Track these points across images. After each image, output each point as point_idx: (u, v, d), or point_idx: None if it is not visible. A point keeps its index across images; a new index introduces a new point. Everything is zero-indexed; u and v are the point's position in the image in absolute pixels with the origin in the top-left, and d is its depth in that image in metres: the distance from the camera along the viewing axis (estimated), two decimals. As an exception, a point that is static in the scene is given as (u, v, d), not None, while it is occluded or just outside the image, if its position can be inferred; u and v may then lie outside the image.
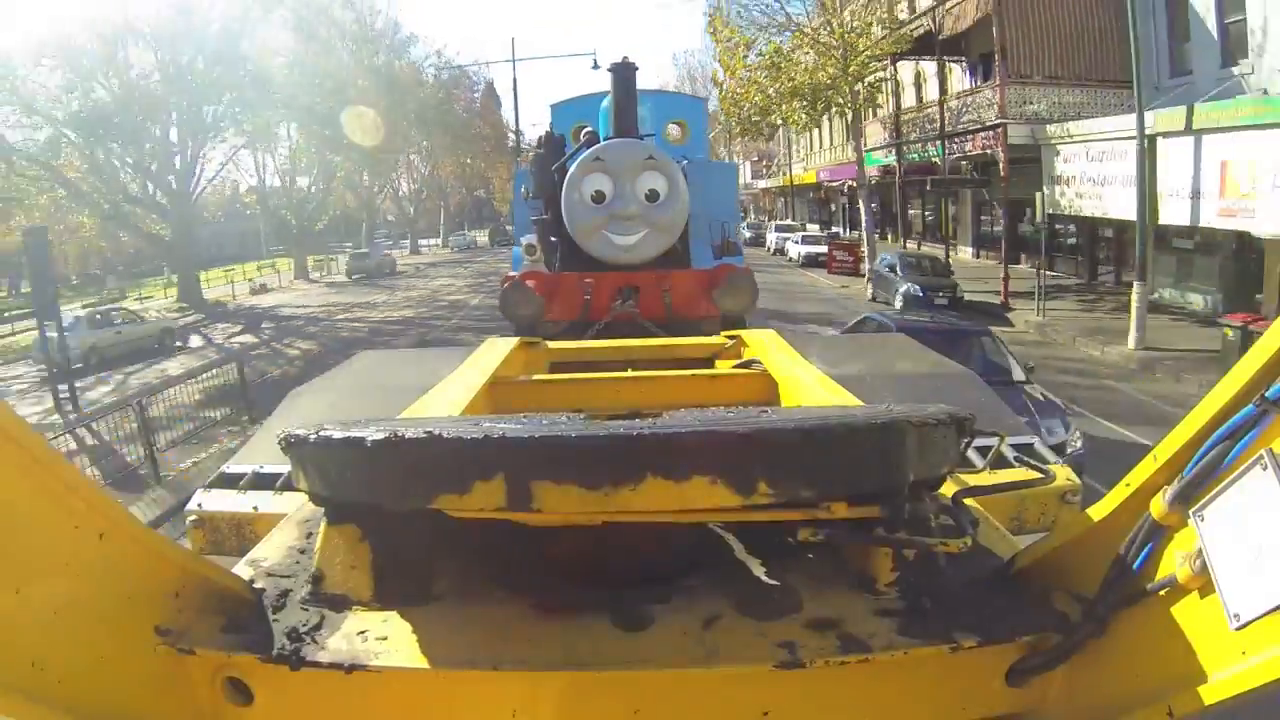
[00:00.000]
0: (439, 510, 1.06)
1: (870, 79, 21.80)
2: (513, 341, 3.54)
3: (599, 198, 4.85)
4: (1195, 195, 12.79)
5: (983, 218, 22.21)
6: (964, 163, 20.75)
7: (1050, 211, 16.42)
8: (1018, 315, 16.38)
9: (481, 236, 51.59)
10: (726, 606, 1.26)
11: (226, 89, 21.67)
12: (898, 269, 18.21)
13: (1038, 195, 16.15)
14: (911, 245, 22.23)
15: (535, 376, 3.21)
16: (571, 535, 1.38)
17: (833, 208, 26.39)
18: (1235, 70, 13.97)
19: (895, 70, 23.97)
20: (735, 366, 3.29)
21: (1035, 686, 1.24)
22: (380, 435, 1.06)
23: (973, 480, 2.03)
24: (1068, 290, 16.52)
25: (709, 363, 3.60)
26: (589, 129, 5.63)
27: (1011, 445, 2.43)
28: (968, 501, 1.44)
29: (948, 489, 1.48)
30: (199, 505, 2.40)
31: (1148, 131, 12.66)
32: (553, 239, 5.32)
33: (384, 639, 1.19)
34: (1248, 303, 13.04)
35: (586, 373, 3.23)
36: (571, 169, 4.95)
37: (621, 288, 4.81)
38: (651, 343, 4.03)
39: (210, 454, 9.40)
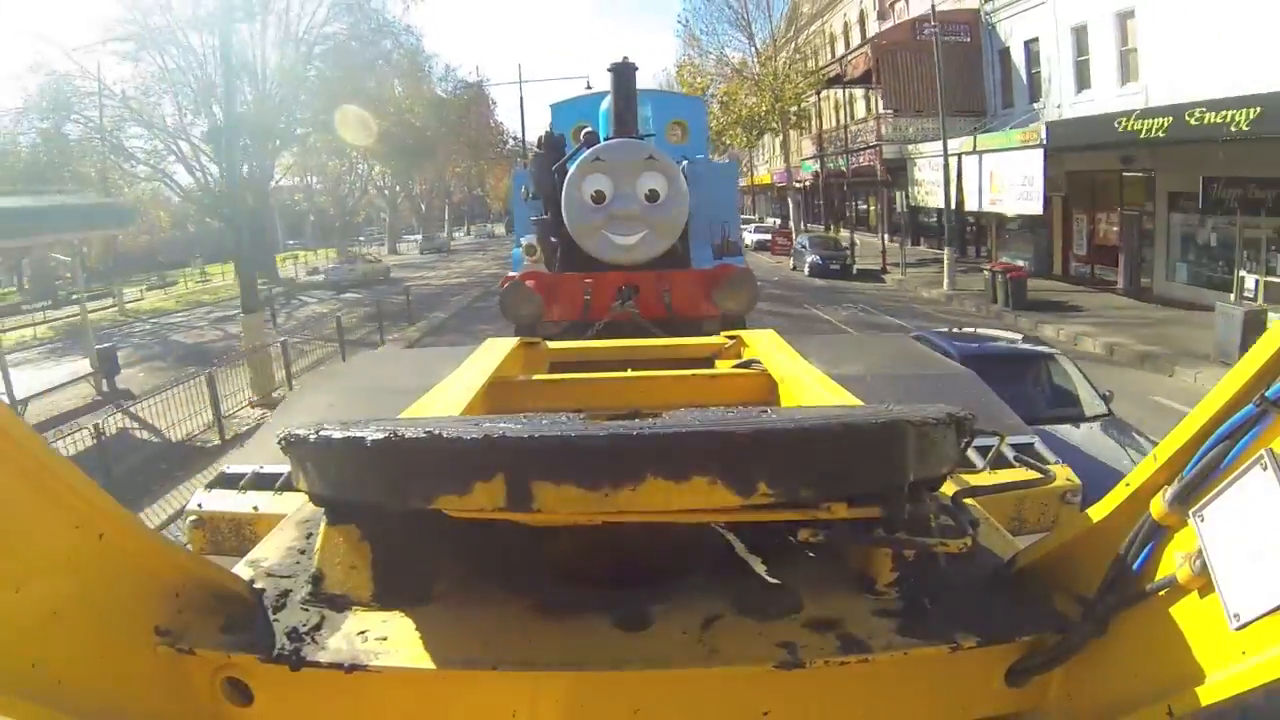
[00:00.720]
0: (439, 510, 1.06)
1: (796, 108, 30.87)
2: (512, 341, 3.54)
3: (599, 198, 4.85)
4: (978, 192, 19.69)
5: (894, 209, 28.97)
6: (863, 172, 27.67)
7: (912, 204, 25.24)
8: (891, 277, 23.35)
9: (498, 229, 59.98)
10: (726, 606, 1.26)
11: (308, 113, 27.27)
12: (807, 247, 25.82)
13: (899, 194, 26.03)
14: (845, 233, 28.33)
15: (535, 376, 3.21)
16: (571, 535, 1.38)
17: (789, 203, 33.40)
18: (1035, 105, 20.38)
19: (819, 99, 32.22)
20: (735, 366, 3.29)
21: (1035, 687, 1.24)
22: (380, 435, 1.06)
23: (973, 480, 2.03)
24: (938, 261, 21.87)
25: (709, 363, 3.60)
26: (589, 129, 5.63)
27: (1011, 445, 2.43)
28: (968, 501, 1.44)
29: (948, 489, 1.48)
30: (199, 505, 2.40)
31: (952, 151, 20.04)
32: (553, 239, 5.32)
33: (384, 639, 1.19)
34: (1048, 262, 20.38)
35: (586, 373, 3.23)
36: (571, 169, 4.95)
37: (621, 288, 4.81)
38: (651, 343, 4.03)
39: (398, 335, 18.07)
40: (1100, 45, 17.45)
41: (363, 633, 1.21)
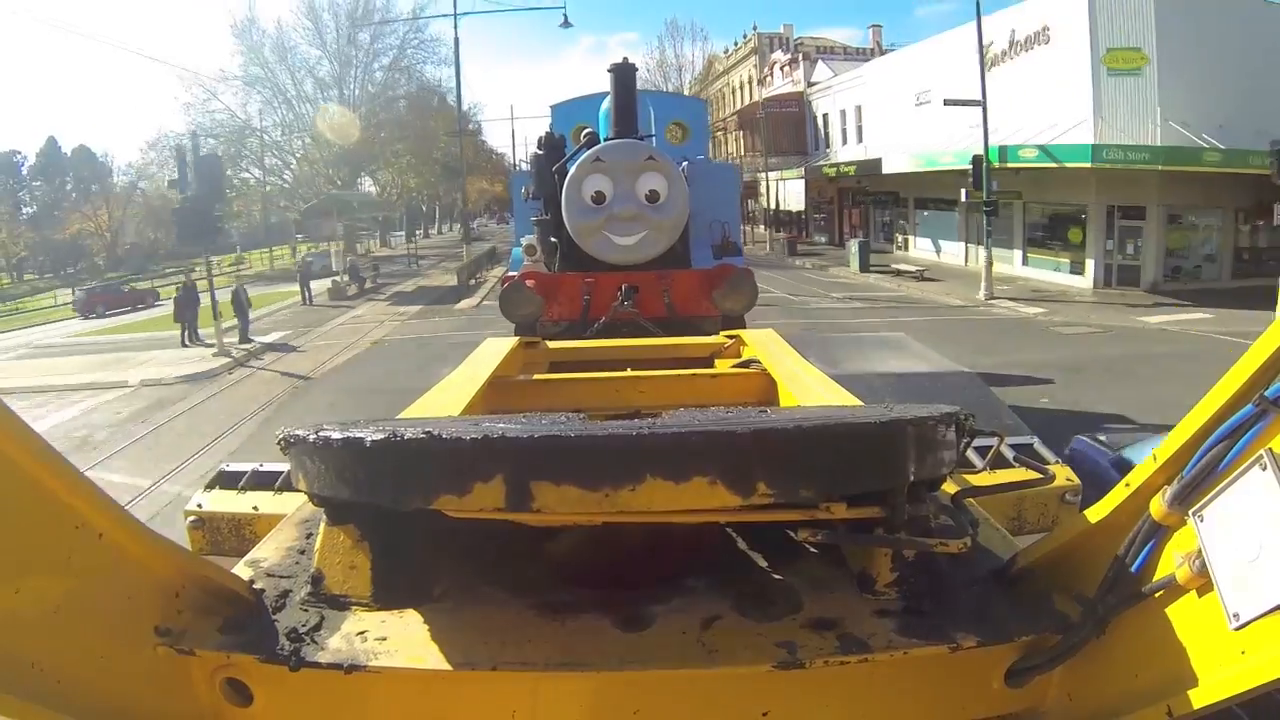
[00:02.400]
0: (439, 511, 1.06)
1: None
2: (512, 341, 3.54)
3: (599, 198, 4.85)
4: (785, 199, 37.78)
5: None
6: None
7: (764, 207, 39.45)
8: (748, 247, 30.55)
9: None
10: (726, 606, 1.26)
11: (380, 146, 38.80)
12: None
13: (762, 201, 39.61)
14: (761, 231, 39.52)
15: (535, 376, 3.21)
16: (572, 536, 1.38)
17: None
18: (829, 151, 34.16)
19: (726, 136, 45.42)
20: (735, 366, 3.29)
21: (1035, 687, 1.24)
22: (379, 435, 1.05)
23: (973, 480, 2.03)
24: (825, 245, 34.99)
25: (709, 362, 3.60)
26: (589, 129, 5.63)
27: (1011, 445, 2.43)
28: (968, 501, 1.44)
29: (948, 489, 1.48)
30: (199, 505, 2.40)
31: (774, 178, 37.24)
32: (553, 239, 5.32)
33: (383, 639, 1.19)
34: (832, 236, 35.44)
35: (586, 372, 3.23)
36: (572, 170, 4.95)
37: (621, 288, 4.81)
38: (651, 342, 4.03)
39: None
40: (850, 122, 32.07)
41: (362, 633, 1.21)
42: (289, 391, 12.71)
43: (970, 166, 18.34)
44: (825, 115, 34.20)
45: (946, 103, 20.07)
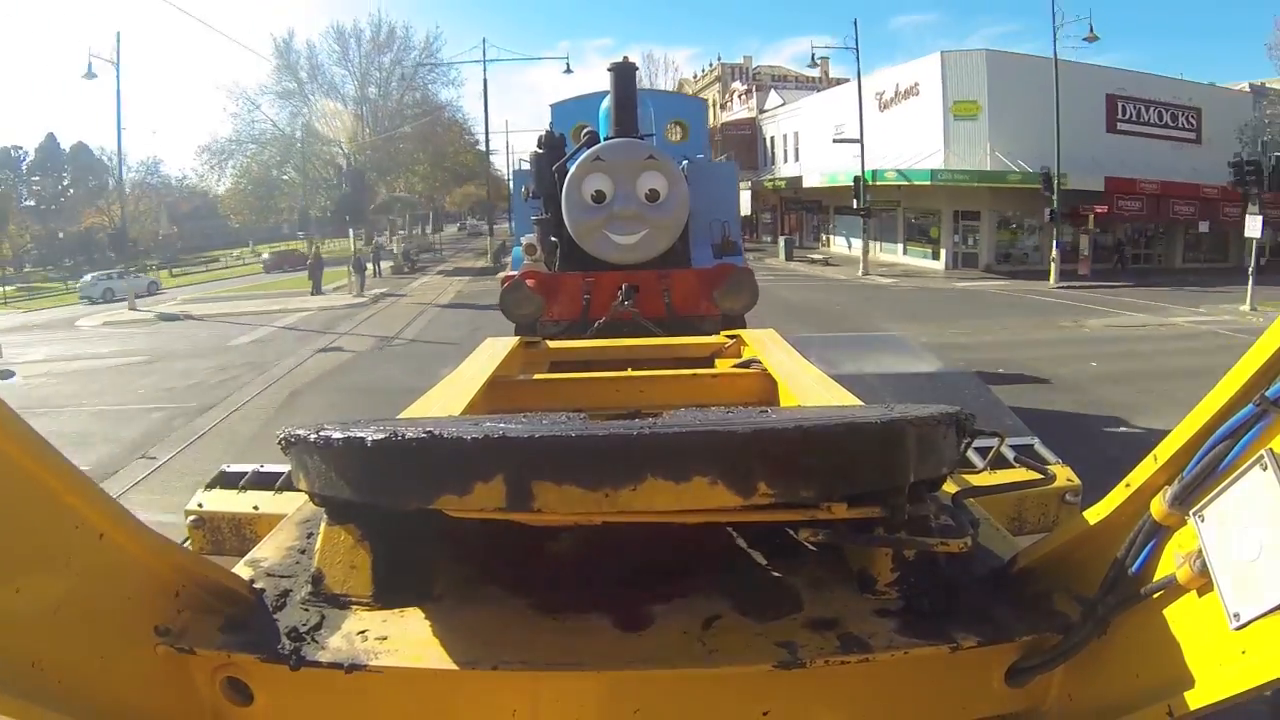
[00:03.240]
0: (439, 510, 1.06)
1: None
2: (512, 341, 3.55)
3: (599, 197, 4.85)
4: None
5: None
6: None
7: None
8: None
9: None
10: (726, 606, 1.26)
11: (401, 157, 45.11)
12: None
13: None
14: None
15: (535, 376, 3.21)
16: (572, 535, 1.38)
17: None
18: (773, 167, 41.37)
19: None
20: (735, 366, 3.29)
21: (1035, 687, 1.24)
22: (380, 435, 1.05)
23: (973, 480, 2.04)
24: (769, 243, 39.35)
25: (709, 362, 3.60)
26: (589, 129, 5.63)
27: (1011, 445, 2.43)
28: (968, 501, 1.44)
29: (948, 489, 1.48)
30: (199, 505, 2.40)
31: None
32: (553, 239, 5.32)
33: (384, 639, 1.19)
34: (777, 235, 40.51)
35: (586, 372, 3.23)
36: (572, 169, 4.95)
37: (622, 287, 4.81)
38: (651, 342, 4.03)
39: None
40: (790, 145, 38.38)
41: (363, 632, 1.21)
42: (426, 311, 21.18)
43: (853, 184, 26.68)
44: (772, 138, 42.06)
45: (834, 140, 29.68)
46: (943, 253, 28.38)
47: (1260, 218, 17.58)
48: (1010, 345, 13.46)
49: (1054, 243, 23.45)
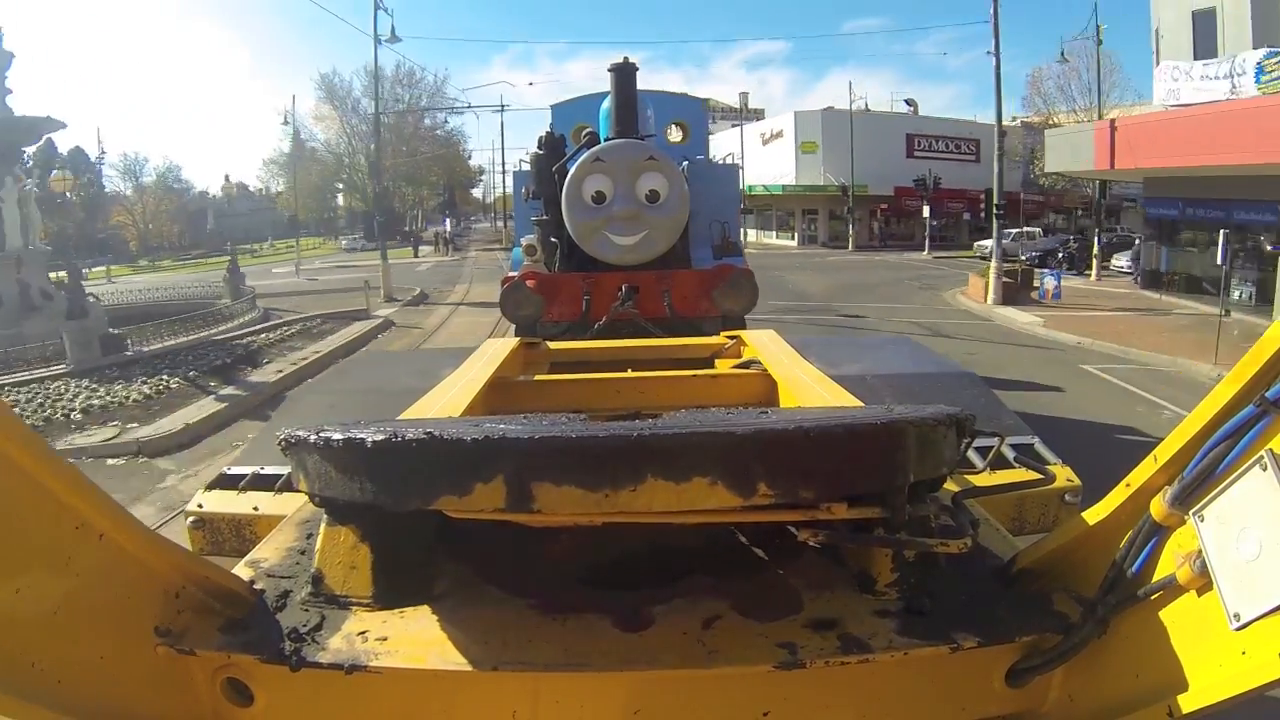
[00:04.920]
0: (439, 511, 1.06)
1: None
2: (513, 342, 3.55)
3: (599, 198, 4.85)
4: None
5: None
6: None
7: None
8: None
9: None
10: (726, 607, 1.26)
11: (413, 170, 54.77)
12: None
13: None
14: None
15: (535, 377, 3.21)
16: (572, 536, 1.38)
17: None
18: None
19: None
20: (735, 367, 3.29)
21: (1035, 687, 1.24)
22: (380, 436, 1.06)
23: (973, 480, 2.03)
24: None
25: (709, 363, 3.60)
26: (589, 129, 5.63)
27: (1011, 445, 2.43)
28: (968, 502, 1.44)
29: (948, 489, 1.48)
30: (199, 506, 2.40)
31: None
32: (553, 239, 5.32)
33: (384, 639, 1.19)
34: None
35: (587, 373, 3.23)
36: (572, 170, 4.95)
37: (622, 288, 4.81)
38: (651, 343, 4.03)
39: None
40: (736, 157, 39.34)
41: (363, 633, 1.21)
42: (497, 259, 31.64)
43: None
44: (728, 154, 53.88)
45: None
46: (796, 235, 43.49)
47: (929, 207, 34.05)
48: (811, 268, 27.29)
49: (850, 227, 38.28)
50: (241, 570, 1.40)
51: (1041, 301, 17.45)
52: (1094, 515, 1.25)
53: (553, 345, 3.87)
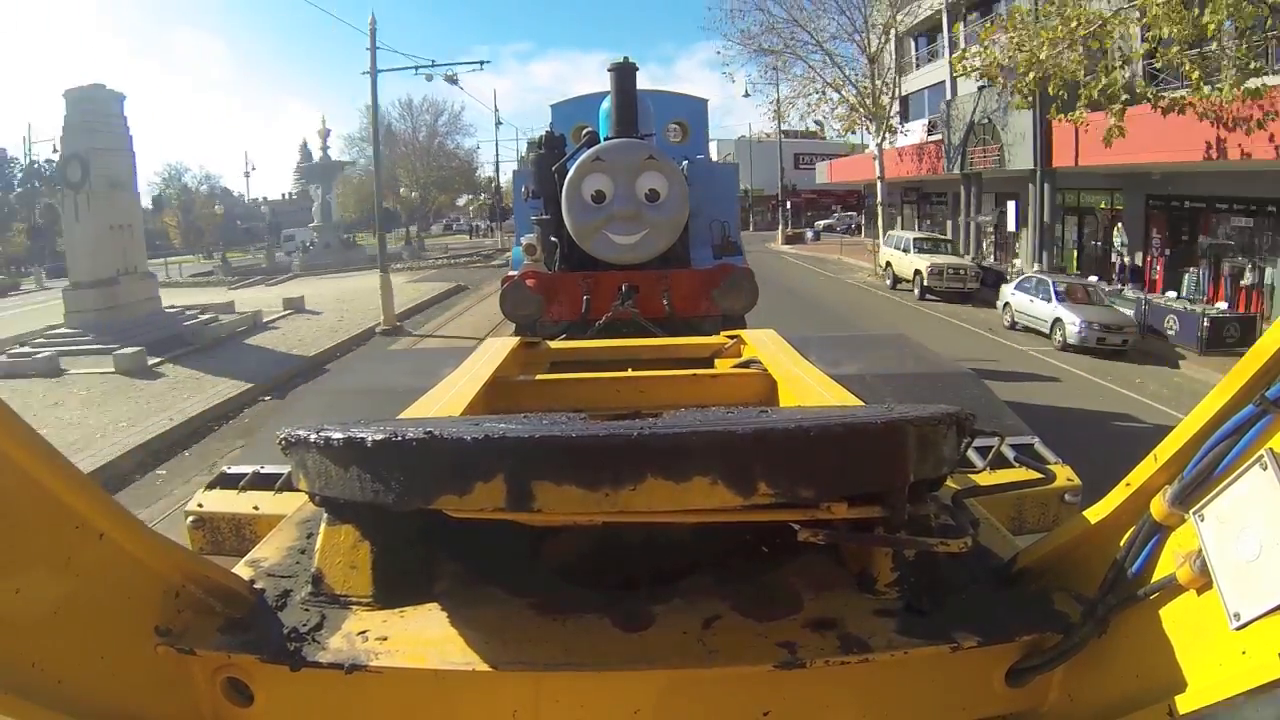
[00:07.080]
0: (439, 510, 1.06)
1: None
2: (513, 341, 3.54)
3: (599, 198, 4.84)
4: None
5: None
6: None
7: None
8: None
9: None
10: (726, 607, 1.26)
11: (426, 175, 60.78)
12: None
13: None
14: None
15: (535, 376, 3.21)
16: (572, 535, 1.38)
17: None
18: None
19: None
20: (735, 366, 3.29)
21: (1035, 687, 1.24)
22: (380, 436, 1.05)
23: (974, 480, 2.03)
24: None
25: (709, 362, 3.59)
26: (589, 129, 5.62)
27: (1011, 445, 2.43)
28: (968, 501, 1.44)
29: (949, 489, 1.48)
30: (199, 506, 2.40)
31: None
32: (553, 239, 5.31)
33: (384, 639, 1.19)
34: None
35: (587, 372, 3.23)
36: (571, 169, 4.94)
37: (621, 287, 4.81)
38: (651, 342, 4.03)
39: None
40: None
41: (363, 633, 1.21)
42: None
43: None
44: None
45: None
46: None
47: (789, 202, 43.10)
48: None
49: (750, 216, 48.65)
50: (242, 570, 1.39)
51: (804, 244, 38.11)
52: (1094, 515, 1.25)
53: (552, 344, 3.87)
